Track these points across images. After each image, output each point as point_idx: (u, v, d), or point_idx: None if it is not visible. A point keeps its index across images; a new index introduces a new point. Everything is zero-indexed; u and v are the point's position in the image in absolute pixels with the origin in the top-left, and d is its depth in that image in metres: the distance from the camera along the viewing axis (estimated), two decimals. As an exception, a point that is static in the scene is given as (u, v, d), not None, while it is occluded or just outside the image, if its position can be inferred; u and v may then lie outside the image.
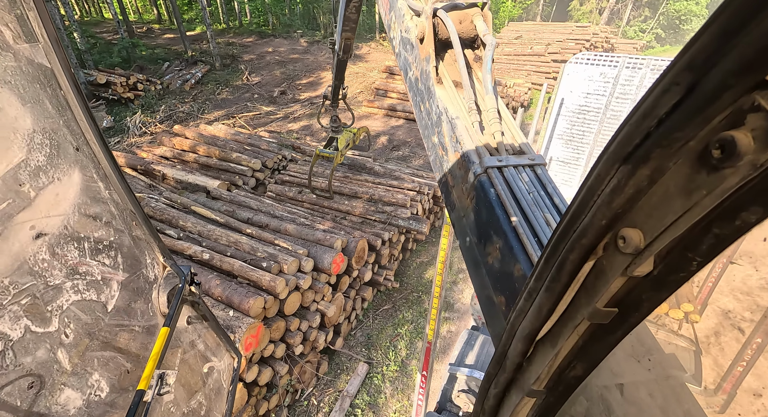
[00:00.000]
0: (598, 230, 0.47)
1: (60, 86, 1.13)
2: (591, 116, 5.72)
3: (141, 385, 1.20)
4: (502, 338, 0.71)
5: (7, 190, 0.99)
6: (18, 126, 1.03)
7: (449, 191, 1.27)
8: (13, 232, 1.01)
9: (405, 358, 5.00)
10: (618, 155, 0.43)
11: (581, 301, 0.54)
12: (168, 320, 1.41)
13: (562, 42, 17.48)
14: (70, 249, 1.18)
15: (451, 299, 5.91)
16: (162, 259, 1.56)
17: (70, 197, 1.19)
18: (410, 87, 1.57)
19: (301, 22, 23.12)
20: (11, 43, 1.00)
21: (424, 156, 10.27)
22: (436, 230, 7.32)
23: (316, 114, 6.72)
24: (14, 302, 1.00)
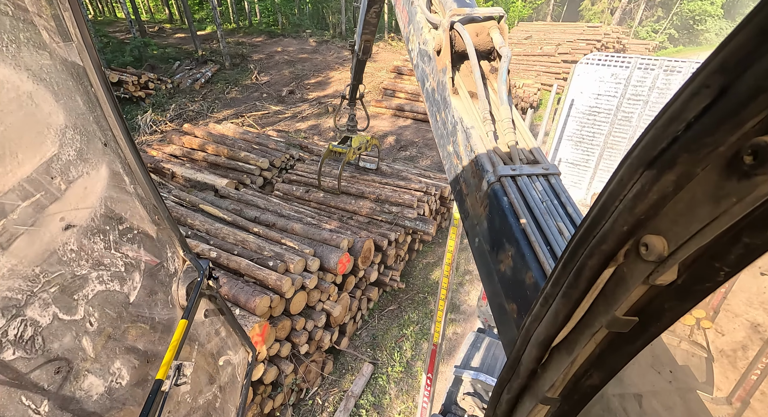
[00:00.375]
0: (619, 236, 0.46)
1: (91, 84, 1.16)
2: (601, 118, 5.64)
3: (159, 375, 1.23)
4: (516, 343, 0.70)
5: (40, 182, 1.03)
6: (51, 121, 1.07)
7: (463, 199, 1.28)
8: (44, 223, 1.04)
9: (410, 359, 4.99)
10: (642, 160, 0.42)
11: (600, 308, 0.52)
12: (186, 313, 1.45)
13: (573, 42, 17.31)
14: (97, 241, 1.22)
15: (457, 301, 5.88)
16: (182, 253, 1.60)
17: (98, 191, 1.23)
18: (427, 97, 1.60)
19: (311, 22, 23.20)
20: (47, 43, 1.04)
21: (432, 156, 10.24)
22: (443, 231, 7.28)
23: (334, 113, 6.84)
24: (44, 290, 1.04)
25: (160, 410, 1.19)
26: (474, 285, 6.17)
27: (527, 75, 15.13)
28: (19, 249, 0.98)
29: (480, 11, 1.36)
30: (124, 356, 1.31)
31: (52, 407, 1.04)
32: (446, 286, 2.52)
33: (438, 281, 6.19)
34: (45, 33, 1.03)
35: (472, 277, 6.37)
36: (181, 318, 1.43)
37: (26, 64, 0.99)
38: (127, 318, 1.32)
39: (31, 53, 1.00)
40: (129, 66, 14.53)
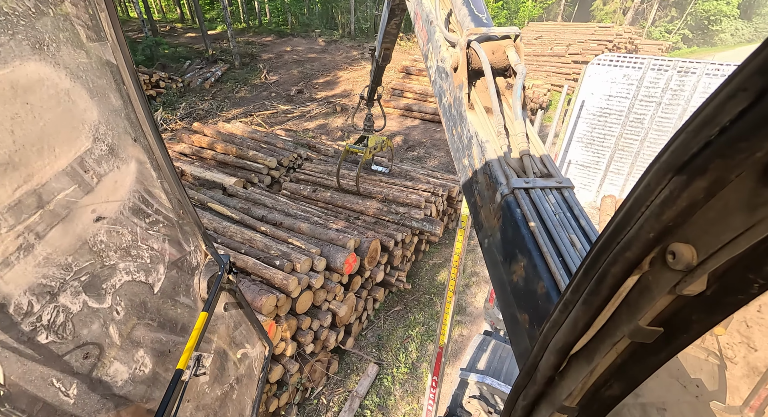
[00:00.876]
0: (644, 243, 0.44)
1: (123, 82, 1.21)
2: (612, 119, 5.56)
3: (180, 365, 1.27)
4: (533, 349, 0.69)
5: (74, 175, 1.07)
6: (86, 117, 1.12)
7: (478, 211, 1.31)
8: (77, 214, 1.09)
9: (415, 361, 4.97)
10: (671, 165, 0.40)
11: (622, 317, 0.51)
12: (207, 305, 1.49)
13: (584, 43, 17.11)
14: (124, 233, 1.27)
15: (463, 303, 5.84)
16: (204, 246, 1.64)
17: (127, 184, 1.28)
18: (444, 112, 1.65)
19: (320, 22, 23.28)
20: (84, 42, 1.08)
21: (439, 157, 10.20)
22: (450, 232, 7.25)
23: (353, 111, 6.70)
24: (75, 278, 1.08)
25: (180, 398, 1.23)
26: (481, 287, 6.13)
27: (537, 76, 14.99)
28: (54, 238, 1.01)
29: (496, 31, 1.41)
30: (147, 345, 1.35)
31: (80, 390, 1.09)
32: (453, 288, 2.50)
33: (444, 282, 6.16)
34: (82, 33, 1.07)
35: (479, 278, 6.32)
36: (201, 310, 1.48)
37: (65, 62, 1.04)
38: (151, 308, 1.36)
39: (69, 52, 1.05)
40: (141, 65, 14.72)
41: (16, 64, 0.91)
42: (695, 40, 27.69)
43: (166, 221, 1.45)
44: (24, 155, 0.93)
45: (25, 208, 0.95)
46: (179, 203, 1.48)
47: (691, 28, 27.69)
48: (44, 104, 0.98)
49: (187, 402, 1.48)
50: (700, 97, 4.97)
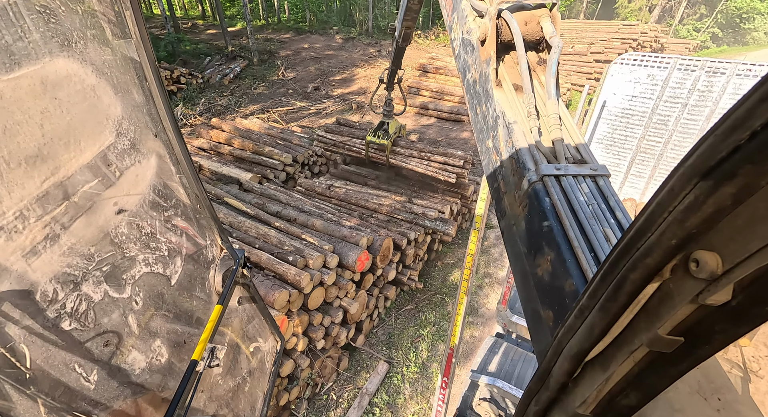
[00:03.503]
0: (666, 250, 0.42)
1: (146, 78, 1.23)
2: (635, 120, 5.40)
3: (194, 356, 1.29)
4: (546, 354, 0.67)
5: (98, 169, 1.10)
6: (110, 113, 1.14)
7: (500, 197, 1.23)
8: (100, 206, 1.11)
9: (426, 361, 4.95)
10: (697, 169, 0.38)
11: (640, 325, 0.49)
12: (221, 299, 1.51)
13: (607, 41, 16.66)
14: (144, 225, 1.29)
15: (475, 304, 5.79)
16: (220, 241, 1.66)
17: (148, 178, 1.31)
18: (467, 89, 1.54)
19: (338, 19, 23.33)
20: (110, 39, 1.11)
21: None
22: (463, 232, 7.19)
23: (370, 96, 6.95)
24: (97, 268, 1.11)
25: (195, 388, 1.25)
26: (493, 288, 6.06)
27: (557, 74, 14.68)
28: (78, 229, 1.04)
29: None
30: (163, 335, 1.37)
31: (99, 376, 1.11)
32: (465, 289, 2.47)
33: (456, 283, 6.12)
34: (108, 30, 1.10)
35: (491, 280, 6.26)
36: (216, 303, 1.49)
37: (91, 59, 1.06)
38: (168, 300, 1.38)
39: (96, 49, 1.07)
40: (163, 61, 15.04)
41: (46, 61, 0.92)
42: (725, 38, 26.63)
43: (184, 215, 1.47)
44: (52, 148, 0.95)
45: (52, 200, 0.96)
46: (197, 198, 1.50)
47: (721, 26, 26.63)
48: (71, 99, 1.00)
49: (201, 392, 1.50)
50: (730, 98, 4.78)
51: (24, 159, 0.89)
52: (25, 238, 0.92)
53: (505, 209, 1.18)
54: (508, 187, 1.18)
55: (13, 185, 0.88)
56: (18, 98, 0.88)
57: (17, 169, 0.88)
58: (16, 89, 0.87)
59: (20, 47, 0.87)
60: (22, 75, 0.88)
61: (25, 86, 0.89)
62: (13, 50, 0.86)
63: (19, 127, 0.88)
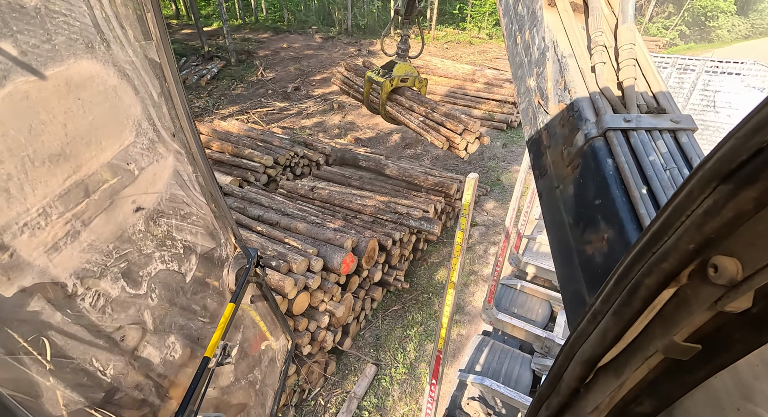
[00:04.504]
0: (683, 255, 0.41)
1: (165, 79, 1.24)
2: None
3: (207, 353, 1.31)
4: (557, 359, 0.65)
5: (118, 167, 1.12)
6: (130, 113, 1.17)
7: (541, 152, 0.99)
8: (119, 204, 1.13)
9: (414, 361, 4.94)
10: (717, 172, 0.36)
11: (656, 331, 0.48)
12: (234, 297, 1.52)
13: (582, 39, 17.05)
14: (161, 223, 1.31)
15: (462, 302, 5.81)
16: (234, 240, 1.68)
17: (165, 177, 1.33)
18: (506, 11, 1.23)
19: (316, 18, 23.10)
20: (132, 41, 1.13)
21: (436, 154, 10.14)
22: (447, 230, 7.21)
23: (382, 33, 5.70)
24: (115, 265, 1.13)
25: (207, 384, 1.27)
26: (479, 286, 6.10)
27: (535, 72, 14.94)
28: (97, 226, 1.06)
29: None
30: (177, 331, 1.38)
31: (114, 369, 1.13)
32: (452, 292, 2.45)
33: (442, 281, 6.12)
34: (130, 32, 1.12)
35: (477, 277, 6.29)
36: (229, 301, 1.50)
37: (113, 60, 1.08)
38: (182, 296, 1.40)
39: (118, 51, 1.09)
40: (135, 62, 14.53)
41: (71, 62, 0.94)
42: (692, 36, 27.65)
43: (200, 214, 1.49)
44: (74, 147, 0.97)
45: (74, 197, 0.98)
46: (212, 197, 1.52)
47: (688, 24, 27.64)
48: (94, 100, 1.02)
49: (213, 388, 1.51)
50: (700, 94, 4.93)
51: (48, 157, 0.91)
52: (48, 234, 0.93)
53: (547, 167, 0.95)
54: (554, 140, 0.93)
55: (37, 183, 0.89)
56: (43, 98, 0.90)
57: (41, 167, 0.90)
58: (42, 90, 0.89)
59: (46, 49, 0.89)
60: (48, 76, 0.89)
61: (51, 87, 0.91)
62: (40, 52, 0.88)
63: (44, 126, 0.90)
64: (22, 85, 0.84)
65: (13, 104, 0.83)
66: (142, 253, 1.22)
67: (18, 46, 0.83)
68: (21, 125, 0.85)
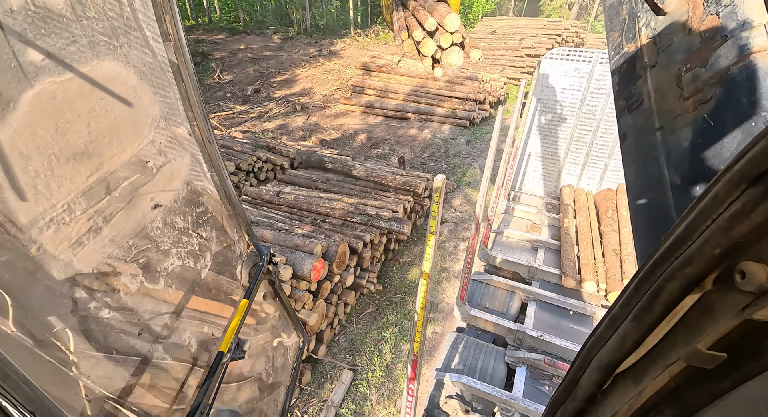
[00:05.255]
0: (708, 260, 0.39)
1: (182, 80, 1.26)
2: (567, 111, 5.75)
3: (222, 348, 1.34)
4: (573, 364, 0.64)
5: (137, 165, 1.15)
6: (149, 112, 1.20)
7: (635, 74, 0.70)
8: (138, 201, 1.16)
9: (390, 363, 4.91)
10: (746, 175, 0.35)
11: (678, 338, 0.46)
12: (248, 293, 1.56)
13: (535, 37, 17.72)
14: (177, 220, 1.35)
15: (435, 299, 5.85)
16: (247, 237, 1.70)
17: (182, 175, 1.37)
18: None
19: (274, 19, 22.53)
20: (150, 42, 1.16)
21: (403, 154, 10.18)
22: (418, 229, 7.24)
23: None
24: (134, 260, 1.17)
25: (221, 379, 1.30)
26: (451, 282, 6.17)
27: (493, 69, 15.35)
28: (118, 222, 1.10)
29: None
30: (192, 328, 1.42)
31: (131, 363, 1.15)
32: (425, 296, 2.43)
33: (415, 280, 6.14)
34: (149, 34, 1.14)
35: (448, 274, 6.36)
36: (243, 298, 1.54)
37: (134, 61, 1.11)
38: (197, 293, 1.43)
39: (138, 52, 1.12)
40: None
41: (94, 63, 0.98)
42: (635, 33, 29.46)
43: (215, 211, 1.54)
44: (96, 146, 1.01)
45: (96, 194, 1.02)
46: (226, 195, 1.55)
47: (630, 22, 29.41)
48: (115, 100, 1.06)
49: (227, 383, 1.54)
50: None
51: (72, 156, 0.95)
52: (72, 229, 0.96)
53: (641, 97, 0.68)
54: (666, 56, 0.64)
55: (62, 180, 0.93)
56: (69, 99, 0.93)
57: (66, 165, 0.93)
58: (67, 90, 0.92)
59: (72, 51, 0.92)
60: (73, 77, 0.93)
61: (75, 87, 0.95)
62: (66, 54, 0.91)
63: (68, 125, 0.94)
64: (49, 86, 0.88)
65: (41, 104, 0.86)
66: (160, 249, 1.24)
67: (46, 48, 0.86)
68: (48, 124, 0.89)
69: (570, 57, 5.46)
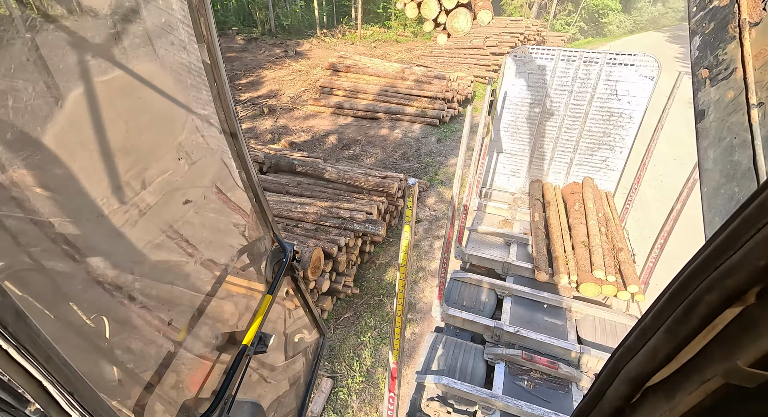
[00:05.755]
0: (752, 272, 0.37)
1: (215, 80, 1.29)
2: (533, 108, 5.88)
3: (245, 341, 1.38)
4: (600, 374, 0.62)
5: (170, 162, 1.18)
6: (183, 111, 1.25)
7: (726, 35, 0.58)
8: (171, 196, 1.20)
9: (370, 367, 4.84)
10: None
11: (715, 353, 0.43)
12: (271, 289, 1.59)
13: (499, 35, 18.14)
14: (207, 215, 1.40)
15: (412, 299, 5.83)
16: (272, 234, 1.73)
17: (212, 172, 1.42)
18: None
19: (236, 19, 21.88)
20: (186, 44, 1.20)
21: (375, 154, 10.13)
22: (393, 229, 7.20)
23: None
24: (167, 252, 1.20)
25: (244, 372, 1.34)
26: (428, 282, 6.17)
27: (460, 68, 15.58)
28: (152, 215, 1.13)
29: None
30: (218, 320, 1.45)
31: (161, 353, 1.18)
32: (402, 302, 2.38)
33: (392, 282, 6.10)
34: (186, 35, 1.18)
35: (425, 273, 6.36)
36: (266, 293, 1.57)
37: (170, 62, 1.16)
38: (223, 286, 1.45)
39: (174, 53, 1.17)
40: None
41: (135, 64, 1.02)
42: (590, 31, 30.88)
43: (241, 207, 1.57)
44: (134, 142, 1.04)
45: (133, 188, 1.05)
46: (253, 192, 1.57)
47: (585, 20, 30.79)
48: (152, 98, 1.10)
49: (250, 376, 1.57)
50: (605, 85, 5.42)
51: (112, 152, 0.99)
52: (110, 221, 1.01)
53: (734, 64, 0.56)
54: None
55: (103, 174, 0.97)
56: (110, 98, 0.98)
57: (107, 161, 0.98)
58: (109, 90, 0.97)
59: (114, 53, 0.97)
60: (115, 77, 0.96)
61: (116, 87, 0.99)
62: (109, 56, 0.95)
63: (110, 123, 0.98)
64: (96, 85, 0.92)
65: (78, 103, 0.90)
66: (190, 242, 1.28)
67: (92, 49, 0.91)
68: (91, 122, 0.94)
69: (533, 55, 5.59)
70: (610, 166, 5.74)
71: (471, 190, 5.31)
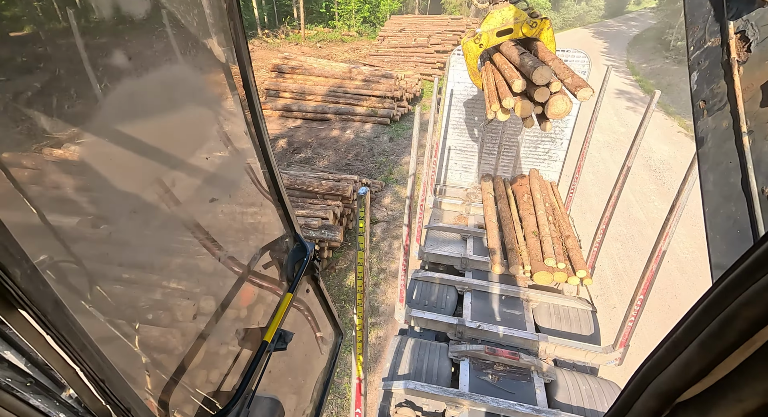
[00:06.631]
0: None
1: (243, 81, 1.31)
2: (479, 105, 6.02)
3: (266, 338, 1.40)
4: (626, 387, 0.60)
5: (197, 162, 1.23)
6: (210, 113, 1.31)
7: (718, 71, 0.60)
8: (198, 194, 1.26)
9: (336, 377, 4.70)
10: None
11: (755, 371, 0.41)
12: (292, 287, 1.61)
13: (441, 33, 18.56)
14: (232, 213, 1.44)
15: (375, 302, 5.76)
16: (294, 233, 1.76)
17: (237, 171, 1.45)
18: None
19: (167, 18, 20.46)
20: (216, 46, 1.24)
21: (328, 156, 9.92)
22: (351, 232, 7.09)
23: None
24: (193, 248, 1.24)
25: (264, 368, 1.36)
26: (389, 283, 6.13)
27: (406, 66, 15.74)
28: (179, 213, 1.18)
29: None
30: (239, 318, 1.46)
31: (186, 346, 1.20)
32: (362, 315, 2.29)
33: (352, 286, 5.98)
34: (215, 39, 1.22)
35: (386, 275, 6.32)
36: (287, 291, 1.59)
37: (200, 64, 1.23)
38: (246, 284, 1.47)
39: (204, 56, 1.23)
40: None
41: (167, 66, 1.09)
42: (527, 29, 32.61)
43: (265, 206, 1.60)
44: (165, 142, 1.09)
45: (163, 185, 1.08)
46: (276, 192, 1.59)
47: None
48: (183, 99, 1.16)
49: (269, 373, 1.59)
50: (542, 80, 5.67)
51: (144, 150, 1.03)
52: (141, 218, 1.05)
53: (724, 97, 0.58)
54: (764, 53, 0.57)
55: (136, 172, 1.01)
56: (143, 100, 1.02)
57: (139, 159, 1.02)
58: (142, 91, 1.01)
59: (148, 55, 1.01)
60: (148, 79, 1.00)
61: (149, 88, 1.03)
62: (142, 58, 0.98)
63: (143, 123, 1.02)
64: (129, 87, 0.95)
65: (119, 104, 0.94)
66: (215, 240, 1.32)
67: (127, 52, 0.94)
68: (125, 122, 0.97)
69: (475, 53, 5.70)
70: (552, 157, 6.03)
71: (425, 188, 5.33)
